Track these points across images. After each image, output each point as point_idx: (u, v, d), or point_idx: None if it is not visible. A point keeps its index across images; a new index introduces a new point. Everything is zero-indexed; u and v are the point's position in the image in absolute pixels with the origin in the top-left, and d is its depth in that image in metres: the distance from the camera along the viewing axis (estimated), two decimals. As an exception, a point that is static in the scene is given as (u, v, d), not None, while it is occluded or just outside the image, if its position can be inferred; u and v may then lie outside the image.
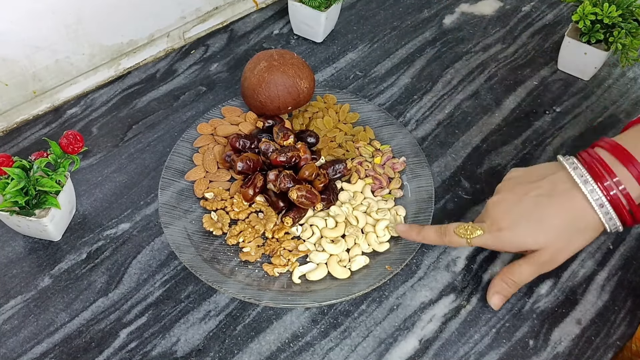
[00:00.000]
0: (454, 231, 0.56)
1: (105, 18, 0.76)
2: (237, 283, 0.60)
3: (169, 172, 0.68)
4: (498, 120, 0.78)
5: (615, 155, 0.50)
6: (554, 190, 0.53)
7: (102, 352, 0.56)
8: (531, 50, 0.88)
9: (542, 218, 0.52)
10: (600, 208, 0.50)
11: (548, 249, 0.53)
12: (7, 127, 0.75)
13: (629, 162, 0.50)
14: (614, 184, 0.50)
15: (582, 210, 0.51)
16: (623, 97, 0.82)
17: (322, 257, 0.62)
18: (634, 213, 0.50)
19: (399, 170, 0.70)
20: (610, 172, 0.50)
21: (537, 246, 0.53)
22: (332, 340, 0.58)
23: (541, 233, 0.52)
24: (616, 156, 0.50)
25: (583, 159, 0.52)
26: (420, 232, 0.59)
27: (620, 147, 0.51)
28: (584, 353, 0.58)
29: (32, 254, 0.63)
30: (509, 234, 0.53)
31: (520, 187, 0.55)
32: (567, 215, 0.52)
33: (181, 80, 0.82)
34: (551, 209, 0.52)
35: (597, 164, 0.51)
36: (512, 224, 0.53)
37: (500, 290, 0.57)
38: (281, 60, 0.71)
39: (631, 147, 0.50)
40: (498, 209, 0.55)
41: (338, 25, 0.90)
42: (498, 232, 0.54)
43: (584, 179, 0.51)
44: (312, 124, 0.74)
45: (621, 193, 0.50)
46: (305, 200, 0.63)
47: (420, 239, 0.59)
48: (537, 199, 0.53)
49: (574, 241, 0.53)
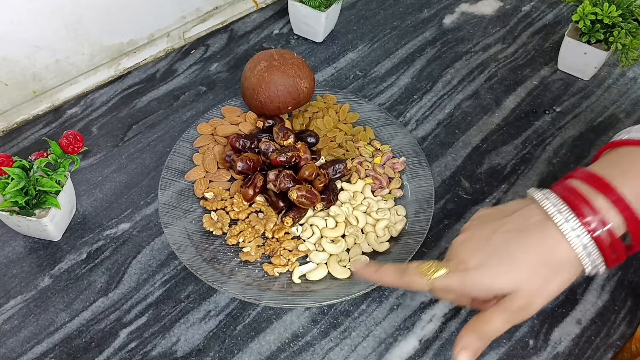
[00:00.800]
0: (415, 271, 0.48)
1: (105, 18, 0.76)
2: (237, 283, 0.60)
3: (169, 172, 0.68)
4: (498, 120, 0.78)
5: (591, 184, 0.45)
6: (525, 223, 0.47)
7: (102, 352, 0.56)
8: (531, 50, 0.88)
9: (513, 255, 0.46)
10: (577, 238, 0.44)
11: (522, 292, 0.45)
12: (7, 127, 0.75)
13: (607, 190, 0.44)
14: (592, 214, 0.44)
15: (556, 243, 0.45)
16: (623, 97, 0.82)
17: (322, 257, 0.62)
18: (616, 247, 0.44)
19: (399, 170, 0.70)
20: (587, 202, 0.44)
21: (509, 288, 0.46)
22: (332, 340, 0.58)
23: (513, 271, 0.46)
24: (592, 185, 0.45)
25: (556, 190, 0.47)
26: (377, 271, 0.52)
27: (595, 176, 0.45)
28: (584, 353, 0.58)
29: (32, 254, 0.63)
30: (477, 274, 0.46)
31: (488, 225, 0.48)
32: (540, 249, 0.45)
33: (181, 80, 0.82)
34: (523, 245, 0.46)
35: (572, 194, 0.45)
36: (480, 263, 0.46)
37: (468, 344, 0.47)
38: (281, 60, 0.71)
39: (606, 174, 0.45)
40: (465, 248, 0.48)
41: (338, 25, 0.90)
42: (464, 272, 0.47)
43: (558, 208, 0.45)
44: (312, 124, 0.74)
45: (601, 224, 0.44)
46: (305, 200, 0.63)
47: (377, 278, 0.52)
48: (506, 234, 0.47)
49: (550, 281, 0.45)
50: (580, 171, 0.47)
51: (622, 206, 0.44)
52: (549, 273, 0.45)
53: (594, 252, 0.44)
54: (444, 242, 0.65)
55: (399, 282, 0.50)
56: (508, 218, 0.48)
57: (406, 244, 0.63)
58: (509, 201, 0.68)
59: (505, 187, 0.71)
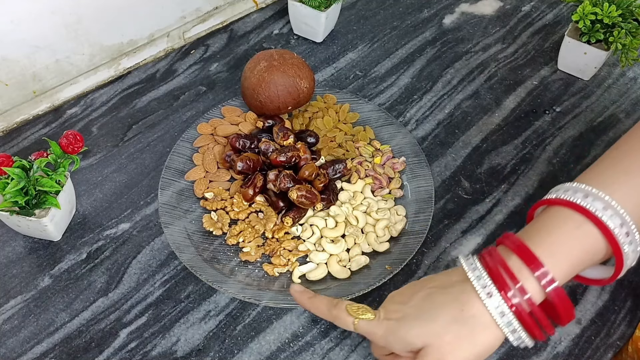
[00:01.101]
0: (345, 308, 0.50)
1: (105, 18, 0.76)
2: (237, 283, 0.60)
3: (169, 172, 0.68)
4: (498, 120, 0.78)
5: (519, 255, 0.45)
6: (448, 282, 0.47)
7: (102, 352, 0.56)
8: (531, 50, 0.88)
9: (430, 310, 0.46)
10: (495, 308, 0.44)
11: (432, 347, 0.45)
12: (7, 127, 0.75)
13: (531, 262, 0.44)
14: (513, 286, 0.44)
15: (472, 304, 0.45)
16: (623, 97, 0.82)
17: (322, 257, 0.62)
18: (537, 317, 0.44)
19: (399, 170, 0.70)
20: (511, 276, 0.44)
21: (422, 342, 0.46)
22: (332, 340, 0.58)
23: (426, 325, 0.46)
24: (519, 255, 0.45)
25: (484, 261, 0.46)
26: (311, 298, 0.54)
27: (523, 246, 0.45)
28: (584, 353, 0.58)
29: (32, 254, 0.63)
30: (395, 325, 0.47)
31: (419, 283, 0.50)
32: (454, 306, 0.45)
33: (181, 80, 0.82)
34: (440, 301, 0.47)
35: (496, 268, 0.45)
36: (402, 315, 0.47)
37: None
38: (281, 60, 0.71)
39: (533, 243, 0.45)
40: (394, 300, 0.50)
41: (338, 25, 0.90)
42: (387, 322, 0.48)
43: (482, 283, 0.45)
44: (312, 124, 0.74)
45: (520, 293, 0.44)
46: (305, 200, 0.63)
47: (309, 305, 0.54)
48: (429, 290, 0.48)
49: (464, 339, 0.45)
50: (511, 239, 0.46)
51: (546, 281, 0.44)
52: (463, 331, 0.45)
53: (513, 321, 0.44)
54: (444, 242, 0.65)
55: (327, 315, 0.52)
56: (436, 276, 0.50)
57: (406, 244, 0.63)
58: (508, 201, 0.68)
59: (505, 187, 0.71)
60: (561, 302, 0.44)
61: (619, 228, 0.45)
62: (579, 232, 0.45)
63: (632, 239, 0.46)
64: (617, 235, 0.45)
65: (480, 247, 0.65)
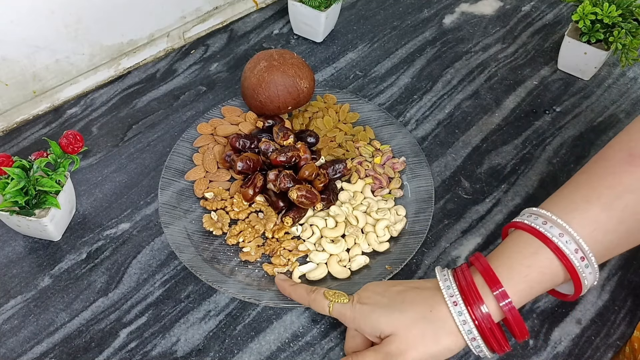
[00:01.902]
0: (323, 293, 0.54)
1: (105, 18, 0.76)
2: (237, 283, 0.60)
3: (169, 172, 0.68)
4: (498, 120, 0.78)
5: (485, 278, 0.49)
6: (422, 286, 0.52)
7: (102, 352, 0.56)
8: (531, 50, 0.88)
9: (402, 304, 0.51)
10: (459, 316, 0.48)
11: (398, 337, 0.49)
12: (7, 127, 0.75)
13: (494, 285, 0.48)
14: (479, 304, 0.48)
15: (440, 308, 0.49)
16: (623, 97, 0.82)
17: (322, 257, 0.62)
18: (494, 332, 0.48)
19: (399, 170, 0.70)
20: (478, 296, 0.48)
21: (390, 329, 0.50)
22: (332, 340, 0.58)
23: (396, 316, 0.50)
24: (485, 279, 0.49)
25: (457, 276, 0.51)
26: (292, 285, 0.57)
27: (490, 270, 0.49)
28: (584, 353, 0.58)
29: (32, 254, 0.63)
30: (368, 310, 0.51)
31: (395, 281, 0.54)
32: (424, 305, 0.50)
33: (181, 80, 0.82)
34: (412, 298, 0.51)
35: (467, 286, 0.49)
36: (374, 302, 0.52)
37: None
38: (281, 60, 0.71)
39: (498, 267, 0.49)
40: (370, 290, 0.53)
41: (338, 25, 0.90)
42: (359, 305, 0.52)
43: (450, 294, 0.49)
44: (312, 123, 0.74)
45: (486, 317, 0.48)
46: (305, 200, 0.63)
47: (290, 290, 0.57)
48: (403, 288, 0.52)
49: (427, 338, 0.49)
50: (480, 260, 0.50)
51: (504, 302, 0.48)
52: (429, 330, 0.49)
53: (475, 332, 0.48)
54: (444, 242, 0.65)
55: (306, 299, 0.55)
56: (412, 280, 0.56)
57: (406, 244, 0.63)
58: (508, 201, 0.69)
59: (505, 187, 0.71)
60: (515, 321, 0.48)
61: (573, 254, 0.48)
62: (537, 256, 0.49)
63: (588, 263, 0.49)
64: (573, 260, 0.48)
65: (480, 247, 0.65)
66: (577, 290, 0.50)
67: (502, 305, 0.48)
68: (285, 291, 0.58)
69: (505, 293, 0.48)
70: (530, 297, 0.50)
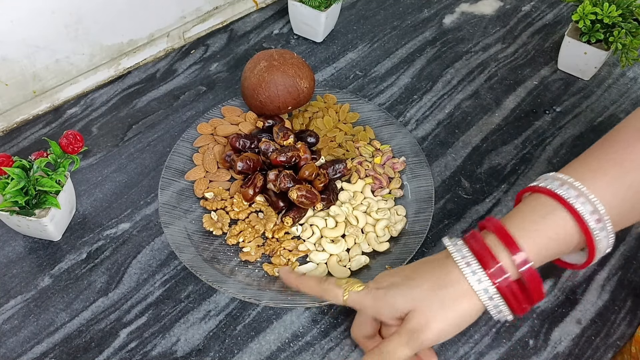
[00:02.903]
0: (334, 281, 0.53)
1: (105, 18, 0.76)
2: (237, 283, 0.60)
3: (169, 172, 0.68)
4: (498, 120, 0.78)
5: (499, 238, 0.48)
6: (432, 258, 0.52)
7: (102, 352, 0.56)
8: (531, 50, 0.88)
9: (416, 279, 0.50)
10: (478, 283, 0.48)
11: (418, 310, 0.48)
12: (7, 127, 0.75)
13: (510, 245, 0.48)
14: (495, 265, 0.47)
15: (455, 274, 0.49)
16: (623, 97, 0.82)
17: (322, 257, 0.62)
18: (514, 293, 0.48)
19: (399, 170, 0.70)
20: (492, 256, 0.48)
21: (409, 306, 0.49)
22: (332, 340, 0.58)
23: (412, 290, 0.49)
24: (500, 238, 0.48)
25: (468, 243, 0.50)
26: (299, 277, 0.56)
27: (504, 230, 0.49)
28: (584, 353, 0.58)
29: (32, 254, 0.63)
30: (384, 293, 0.50)
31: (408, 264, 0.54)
32: (438, 274, 0.49)
33: (181, 80, 0.82)
34: (424, 271, 0.51)
35: (481, 249, 0.48)
36: (389, 284, 0.51)
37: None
38: (281, 60, 0.71)
39: (513, 228, 0.49)
40: (383, 275, 0.53)
41: (338, 25, 0.90)
42: (375, 290, 0.51)
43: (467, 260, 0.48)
44: (312, 123, 0.74)
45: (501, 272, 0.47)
46: (305, 200, 0.63)
47: (298, 282, 0.56)
48: (414, 264, 0.52)
49: (447, 306, 0.48)
50: (492, 222, 0.50)
51: (520, 260, 0.47)
52: (446, 298, 0.48)
53: (493, 293, 0.48)
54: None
55: (317, 289, 0.54)
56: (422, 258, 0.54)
57: (406, 244, 0.63)
58: (508, 201, 0.68)
59: (505, 187, 0.71)
60: (532, 281, 0.47)
61: (589, 214, 0.48)
62: (553, 216, 0.49)
63: (604, 226, 0.48)
64: (588, 221, 0.48)
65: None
66: (591, 255, 0.49)
67: (516, 260, 0.47)
68: (292, 283, 0.56)
69: (523, 253, 0.47)
70: (544, 258, 0.49)
